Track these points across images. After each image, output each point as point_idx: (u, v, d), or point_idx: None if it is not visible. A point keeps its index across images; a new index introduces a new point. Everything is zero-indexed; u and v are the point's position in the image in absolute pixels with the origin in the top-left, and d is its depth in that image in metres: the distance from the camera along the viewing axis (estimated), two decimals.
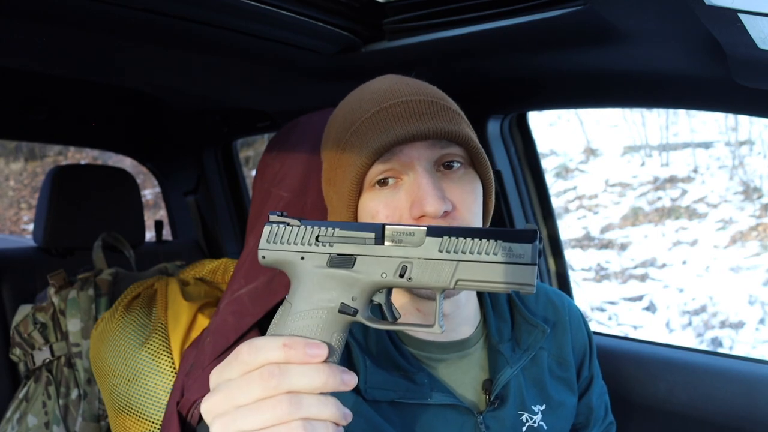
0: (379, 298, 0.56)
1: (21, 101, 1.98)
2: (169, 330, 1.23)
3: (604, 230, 6.19)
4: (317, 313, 0.54)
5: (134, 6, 1.00)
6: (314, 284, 0.55)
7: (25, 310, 1.46)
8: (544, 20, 0.99)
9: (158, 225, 2.26)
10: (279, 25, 1.13)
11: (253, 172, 1.21)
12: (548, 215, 1.60)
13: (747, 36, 0.77)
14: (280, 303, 1.11)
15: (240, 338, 1.06)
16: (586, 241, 6.12)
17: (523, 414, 0.79)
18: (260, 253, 0.58)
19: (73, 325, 1.38)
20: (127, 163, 6.29)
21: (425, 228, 0.54)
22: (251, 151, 7.48)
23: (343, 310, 0.54)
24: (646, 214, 6.15)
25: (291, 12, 1.07)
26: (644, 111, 6.90)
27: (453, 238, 0.53)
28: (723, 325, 4.53)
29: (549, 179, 6.45)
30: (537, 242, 0.51)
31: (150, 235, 2.14)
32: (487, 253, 0.51)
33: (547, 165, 7.17)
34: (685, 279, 5.12)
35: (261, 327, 1.07)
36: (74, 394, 1.39)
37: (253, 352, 0.51)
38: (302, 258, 0.56)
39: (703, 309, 4.73)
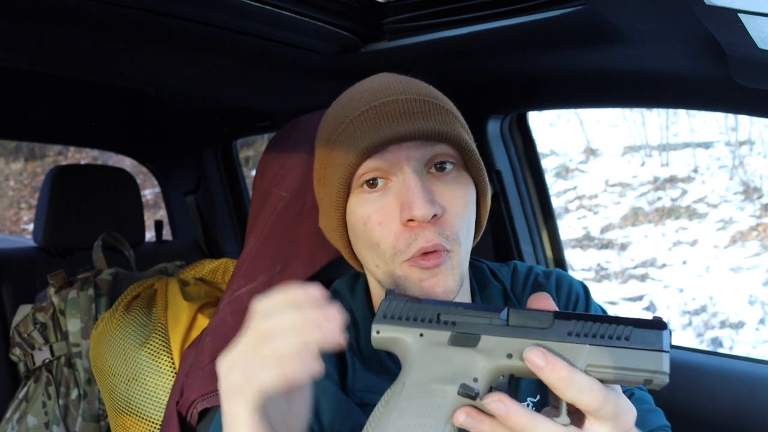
0: (500, 384, 0.52)
1: (21, 101, 1.98)
2: (168, 330, 1.23)
3: (604, 230, 6.19)
4: (436, 393, 0.51)
5: (134, 6, 1.00)
6: (433, 363, 0.52)
7: (25, 310, 1.46)
8: (544, 20, 0.99)
9: (158, 225, 2.26)
10: (279, 25, 1.13)
11: (253, 172, 1.21)
12: (548, 215, 1.60)
13: (747, 36, 0.77)
14: None
15: None
16: (586, 241, 6.12)
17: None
18: (374, 328, 0.54)
19: (73, 325, 1.38)
20: (127, 163, 6.30)
21: (552, 312, 0.52)
22: (251, 151, 7.48)
23: (465, 392, 0.51)
24: (646, 214, 6.15)
25: (291, 12, 1.07)
26: (644, 111, 6.90)
27: (582, 322, 0.50)
28: (723, 325, 4.53)
29: (549, 179, 6.45)
30: (668, 330, 0.50)
31: (150, 235, 2.14)
32: (619, 338, 0.49)
33: (547, 165, 7.17)
34: (685, 279, 5.12)
35: None
36: (74, 394, 1.39)
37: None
38: (421, 335, 0.53)
39: (703, 309, 4.73)
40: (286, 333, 0.52)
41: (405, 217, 0.69)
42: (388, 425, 0.52)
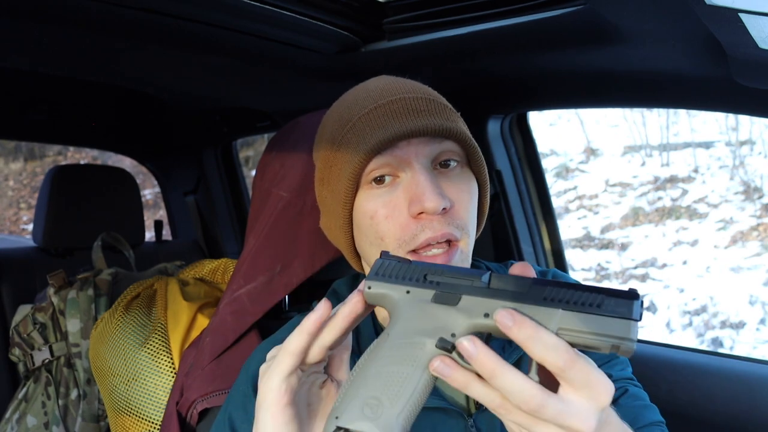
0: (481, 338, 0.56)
1: (21, 101, 1.98)
2: (168, 330, 1.23)
3: (604, 230, 6.19)
4: (415, 345, 0.55)
5: (134, 6, 1.00)
6: (416, 317, 0.56)
7: (24, 310, 1.46)
8: (544, 20, 0.99)
9: (158, 225, 2.26)
10: (279, 25, 1.13)
11: (253, 172, 1.21)
12: (548, 215, 1.60)
13: (747, 36, 0.77)
14: (280, 303, 1.12)
15: (239, 338, 1.06)
16: (586, 241, 6.12)
17: None
18: (366, 284, 0.58)
19: (72, 325, 1.38)
20: (127, 163, 6.29)
21: (531, 279, 0.55)
22: (251, 151, 7.48)
23: (441, 345, 0.54)
24: (647, 214, 6.15)
25: (291, 12, 1.07)
26: (644, 111, 6.90)
27: (557, 288, 0.53)
28: (723, 325, 4.53)
29: (549, 179, 6.45)
30: (640, 300, 0.52)
31: (150, 235, 2.14)
32: (591, 305, 0.52)
33: (547, 165, 7.17)
34: (685, 279, 5.12)
35: (260, 327, 1.07)
36: (74, 394, 1.39)
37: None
38: (408, 292, 0.57)
39: (703, 309, 4.73)
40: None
41: (415, 210, 0.71)
42: (370, 369, 0.55)
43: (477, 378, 0.52)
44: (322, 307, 0.57)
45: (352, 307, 0.58)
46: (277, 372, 0.57)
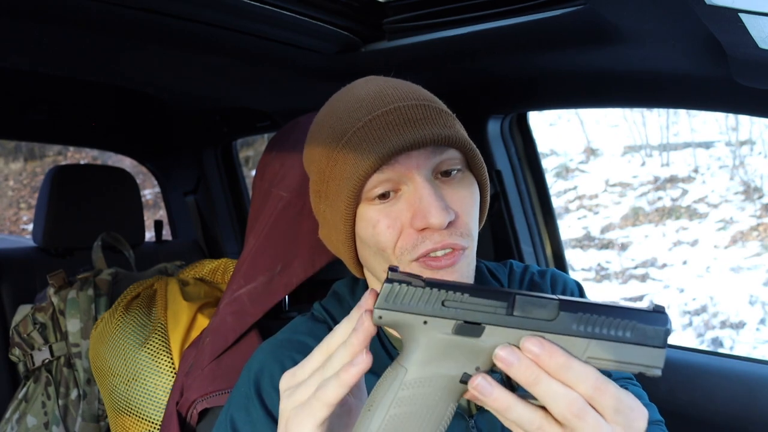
0: (500, 370, 0.53)
1: (21, 101, 1.98)
2: (168, 330, 1.23)
3: (604, 230, 6.19)
4: (437, 381, 0.52)
5: (134, 6, 1.00)
6: (436, 352, 0.52)
7: (24, 310, 1.46)
8: (544, 20, 0.99)
9: (158, 225, 2.26)
10: (279, 25, 1.13)
11: (253, 172, 1.21)
12: (548, 215, 1.60)
13: (748, 36, 0.77)
14: (280, 303, 1.12)
15: (239, 338, 1.06)
16: (586, 241, 6.12)
17: None
18: (377, 313, 0.53)
19: (72, 325, 1.38)
20: (126, 163, 6.30)
21: (558, 302, 0.52)
22: (251, 151, 7.48)
23: (466, 380, 0.52)
24: (647, 214, 6.15)
25: (291, 12, 1.07)
26: (644, 111, 6.90)
27: (588, 315, 0.51)
28: (723, 325, 4.53)
29: (549, 179, 6.45)
30: (669, 326, 0.51)
31: (150, 235, 2.14)
32: (621, 333, 0.50)
33: (547, 165, 7.17)
34: (685, 279, 5.12)
35: (260, 327, 1.07)
36: (74, 394, 1.39)
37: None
38: (425, 322, 0.53)
39: (703, 309, 4.73)
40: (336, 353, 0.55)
41: (420, 225, 0.69)
42: (389, 411, 0.52)
43: (519, 399, 0.51)
44: (366, 361, 0.52)
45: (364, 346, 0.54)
46: (310, 420, 0.54)
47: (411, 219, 0.70)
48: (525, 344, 0.50)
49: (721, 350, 4.23)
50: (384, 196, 0.72)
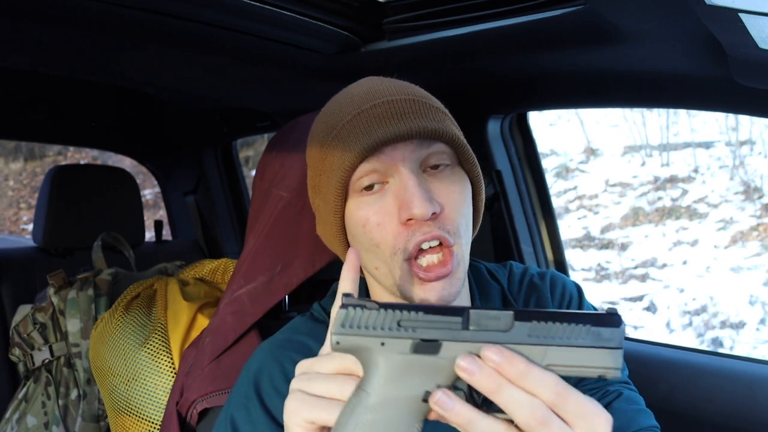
0: (462, 384, 0.53)
1: (21, 101, 1.98)
2: (168, 330, 1.23)
3: (604, 230, 6.19)
4: (400, 403, 0.52)
5: (134, 6, 1.00)
6: (396, 372, 0.53)
7: (24, 310, 1.46)
8: (544, 20, 0.99)
9: (158, 225, 2.26)
10: (279, 25, 1.13)
11: (253, 172, 1.21)
12: (548, 215, 1.60)
13: (748, 36, 0.77)
14: (280, 303, 1.12)
15: (239, 338, 1.06)
16: (586, 241, 6.12)
17: None
18: (334, 339, 0.54)
19: (72, 325, 1.38)
20: (127, 163, 6.30)
21: (512, 312, 0.52)
22: (251, 151, 7.49)
23: (428, 398, 0.52)
24: (647, 214, 6.15)
25: (291, 12, 1.07)
26: (644, 111, 6.90)
27: (542, 323, 0.52)
28: (723, 325, 4.53)
29: (549, 179, 6.45)
30: (623, 326, 0.51)
31: (150, 235, 2.14)
32: (576, 338, 0.51)
33: (547, 165, 7.17)
34: (685, 279, 5.12)
35: (260, 327, 1.07)
36: (74, 394, 1.39)
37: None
38: (382, 344, 0.53)
39: (703, 309, 4.73)
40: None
41: (404, 217, 0.69)
42: None
43: (480, 412, 0.51)
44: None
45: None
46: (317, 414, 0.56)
47: (398, 213, 0.70)
48: (485, 353, 0.50)
49: (721, 350, 4.23)
50: (370, 188, 0.72)
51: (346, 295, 0.55)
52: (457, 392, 0.52)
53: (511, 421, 0.50)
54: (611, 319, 0.51)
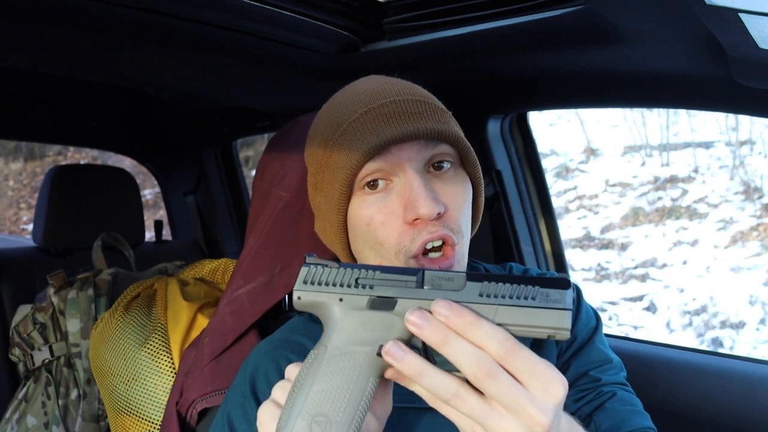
0: (417, 342, 0.55)
1: (21, 101, 1.98)
2: (168, 330, 1.23)
3: (604, 230, 6.19)
4: (355, 356, 0.54)
5: (134, 6, 1.00)
6: (353, 326, 0.55)
7: (24, 310, 1.46)
8: (544, 20, 0.99)
9: (158, 225, 2.26)
10: (279, 25, 1.13)
11: (253, 172, 1.21)
12: (548, 215, 1.60)
13: (748, 36, 0.77)
14: (279, 303, 1.12)
15: (239, 338, 1.06)
16: (586, 241, 6.12)
17: None
18: (296, 294, 0.57)
19: (72, 325, 1.38)
20: (126, 163, 6.30)
21: (464, 274, 0.55)
22: (251, 151, 7.48)
23: (381, 351, 0.53)
24: (647, 214, 6.15)
25: (291, 12, 1.07)
26: (644, 111, 6.90)
27: (493, 283, 0.54)
28: (723, 325, 4.53)
29: (549, 179, 6.45)
30: (572, 289, 0.53)
31: (149, 235, 2.14)
32: (525, 298, 0.53)
33: (547, 165, 7.17)
34: (685, 279, 5.12)
35: (260, 327, 1.07)
36: (74, 394, 1.39)
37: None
38: (341, 300, 0.56)
39: (703, 309, 4.73)
40: None
41: (410, 217, 0.70)
42: (311, 388, 0.54)
43: (432, 365, 0.51)
44: None
45: None
46: None
47: (403, 211, 0.71)
48: (435, 307, 0.52)
49: (721, 350, 4.23)
50: (374, 186, 0.73)
51: (309, 255, 0.58)
52: (412, 350, 0.54)
53: (464, 380, 0.51)
54: (560, 281, 0.53)
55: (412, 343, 0.55)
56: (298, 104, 1.69)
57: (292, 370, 0.59)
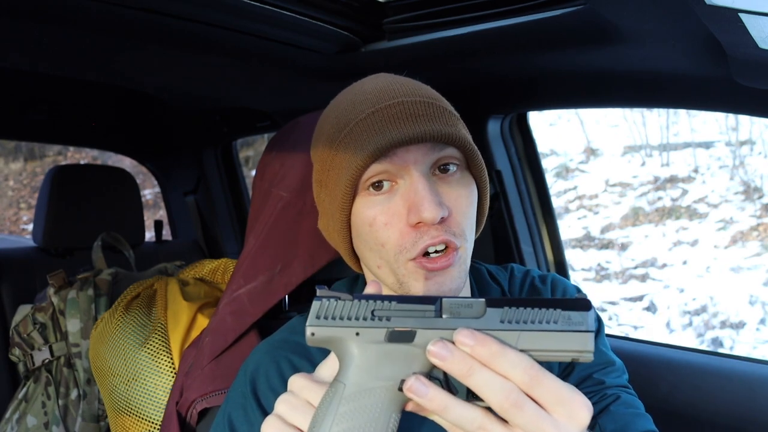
0: (438, 373, 0.54)
1: (21, 101, 1.98)
2: (168, 330, 1.23)
3: (604, 230, 6.19)
4: (376, 392, 0.52)
5: (134, 6, 1.00)
6: (371, 361, 0.53)
7: (24, 310, 1.46)
8: (544, 20, 0.99)
9: (158, 225, 2.26)
10: (279, 25, 1.13)
11: (253, 172, 1.21)
12: (548, 215, 1.60)
13: (748, 36, 0.77)
14: (279, 303, 1.12)
15: (239, 338, 1.06)
16: (586, 241, 6.12)
17: None
18: (309, 330, 0.54)
19: (72, 325, 1.38)
20: (126, 163, 6.30)
21: (484, 300, 0.53)
22: (251, 151, 7.49)
23: (402, 386, 0.52)
24: (647, 214, 6.15)
25: (291, 12, 1.07)
26: (644, 111, 6.90)
27: (513, 308, 0.52)
28: (723, 325, 4.53)
29: (549, 179, 6.45)
30: (593, 310, 0.52)
31: (149, 235, 2.14)
32: (548, 322, 0.52)
33: (547, 165, 7.17)
34: (685, 279, 5.12)
35: (260, 327, 1.07)
36: (74, 394, 1.39)
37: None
38: (357, 334, 0.53)
39: (703, 309, 4.73)
40: None
41: (414, 220, 0.70)
42: (331, 430, 0.52)
43: (456, 398, 0.50)
44: None
45: None
46: None
47: (407, 213, 0.71)
48: (457, 337, 0.50)
49: (721, 350, 4.23)
50: (378, 187, 0.73)
51: (319, 287, 0.56)
52: (434, 381, 0.53)
53: (488, 409, 0.50)
54: (580, 303, 0.52)
55: (432, 374, 0.53)
56: (298, 104, 1.69)
57: (297, 382, 0.58)
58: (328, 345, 0.55)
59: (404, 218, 0.71)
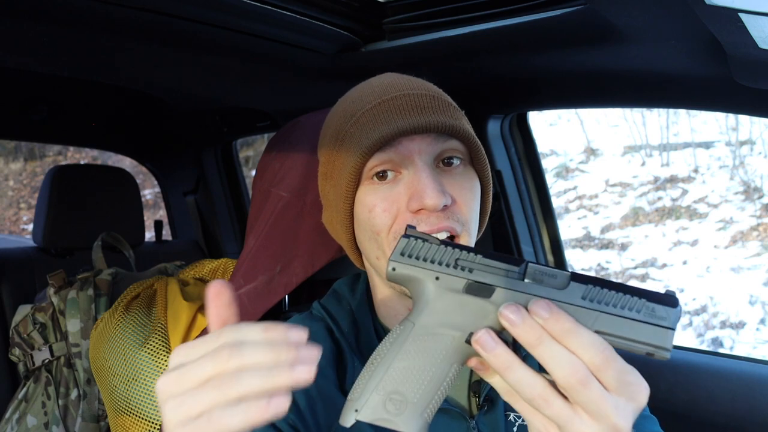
0: (507, 336, 0.52)
1: (21, 101, 1.98)
2: (168, 330, 1.23)
3: (604, 230, 6.19)
4: (443, 338, 0.52)
5: (134, 6, 1.00)
6: (445, 308, 0.52)
7: (24, 310, 1.46)
8: (544, 20, 0.99)
9: (158, 225, 2.26)
10: (279, 25, 1.13)
11: (253, 172, 1.21)
12: (548, 215, 1.60)
13: (748, 36, 0.77)
14: (280, 303, 1.12)
15: None
16: (586, 241, 6.12)
17: (510, 414, 0.77)
18: (391, 265, 0.54)
19: (72, 325, 1.38)
20: (126, 163, 6.30)
21: (569, 273, 0.52)
22: (251, 151, 7.49)
23: (471, 338, 0.51)
24: (647, 214, 6.15)
25: (291, 12, 1.07)
26: (644, 111, 6.90)
27: (597, 288, 0.51)
28: (723, 325, 4.53)
29: (549, 179, 6.45)
30: (680, 308, 0.51)
31: (150, 235, 2.14)
32: (630, 309, 0.50)
33: (547, 165, 7.17)
34: (685, 279, 5.12)
35: None
36: (74, 394, 1.39)
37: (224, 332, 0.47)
38: (437, 278, 0.53)
39: (703, 309, 4.73)
40: (255, 373, 0.44)
41: (415, 206, 0.70)
42: (392, 364, 0.52)
43: (521, 361, 0.49)
44: (309, 372, 0.45)
45: None
46: None
47: (408, 201, 0.71)
48: (533, 306, 0.49)
49: (721, 350, 4.23)
50: (382, 176, 0.73)
51: (410, 226, 0.56)
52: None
53: (551, 382, 0.49)
54: (668, 298, 0.51)
55: (502, 335, 0.52)
56: (298, 104, 1.69)
57: (181, 352, 0.49)
58: (405, 283, 0.55)
59: (404, 206, 0.72)
